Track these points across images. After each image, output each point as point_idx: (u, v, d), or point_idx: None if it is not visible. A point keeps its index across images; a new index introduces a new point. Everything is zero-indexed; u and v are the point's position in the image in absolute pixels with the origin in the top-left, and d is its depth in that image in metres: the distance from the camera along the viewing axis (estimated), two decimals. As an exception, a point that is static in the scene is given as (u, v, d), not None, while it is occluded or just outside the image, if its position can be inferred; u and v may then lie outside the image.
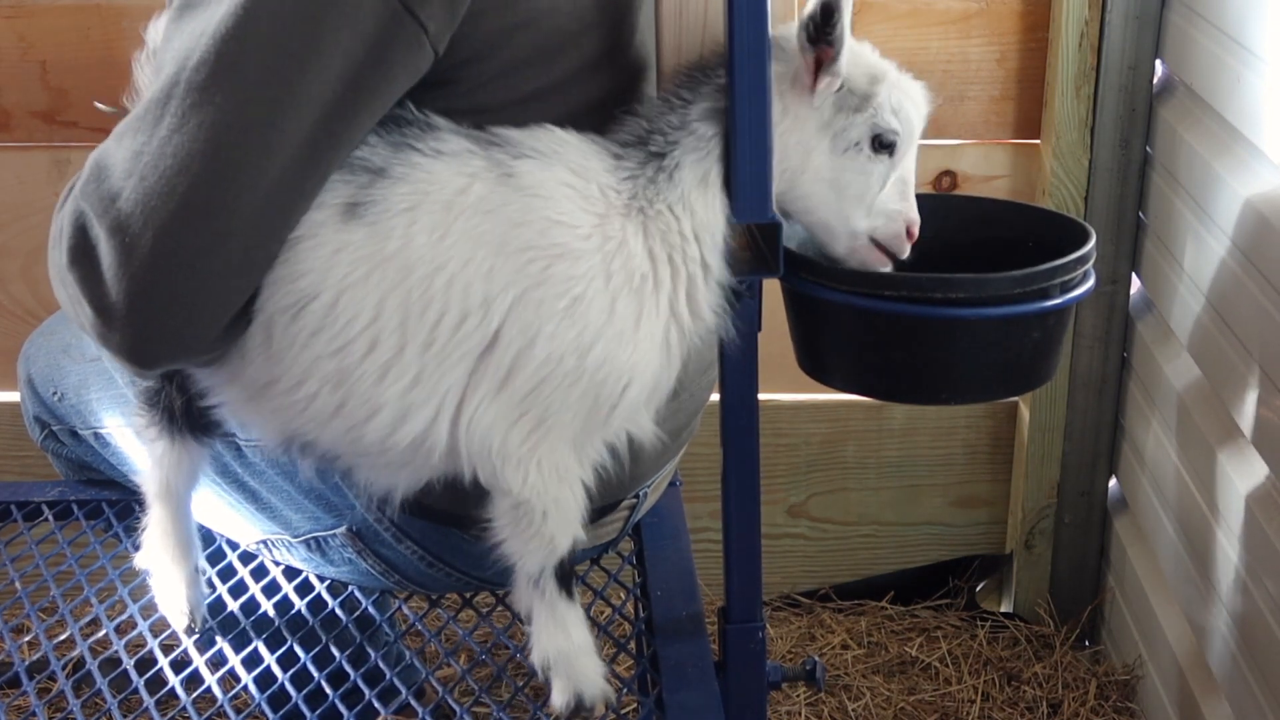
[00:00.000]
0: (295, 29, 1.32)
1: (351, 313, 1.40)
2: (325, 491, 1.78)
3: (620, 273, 1.41)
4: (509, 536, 1.52)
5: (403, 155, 1.41)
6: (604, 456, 1.52)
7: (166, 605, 1.78)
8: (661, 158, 1.44)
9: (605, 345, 1.41)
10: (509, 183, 1.40)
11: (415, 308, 1.39)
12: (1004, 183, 2.60)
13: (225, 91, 1.31)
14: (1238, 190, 2.03)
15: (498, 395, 1.42)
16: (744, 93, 1.41)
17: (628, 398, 1.45)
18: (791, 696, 2.57)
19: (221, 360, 1.47)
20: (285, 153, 1.33)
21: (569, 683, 1.55)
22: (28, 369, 2.05)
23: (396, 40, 1.35)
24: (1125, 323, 2.56)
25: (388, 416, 1.43)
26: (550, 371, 1.41)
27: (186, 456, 1.72)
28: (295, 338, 1.42)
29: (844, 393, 1.64)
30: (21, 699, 2.29)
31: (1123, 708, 2.52)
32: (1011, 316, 1.51)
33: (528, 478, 1.46)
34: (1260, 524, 1.94)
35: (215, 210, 1.32)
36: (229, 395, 1.52)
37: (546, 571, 1.53)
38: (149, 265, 1.33)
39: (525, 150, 1.42)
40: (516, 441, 1.44)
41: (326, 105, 1.34)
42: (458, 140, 1.43)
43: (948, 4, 2.47)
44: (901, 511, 2.83)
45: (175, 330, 1.37)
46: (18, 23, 2.46)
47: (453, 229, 1.39)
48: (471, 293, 1.39)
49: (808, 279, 1.54)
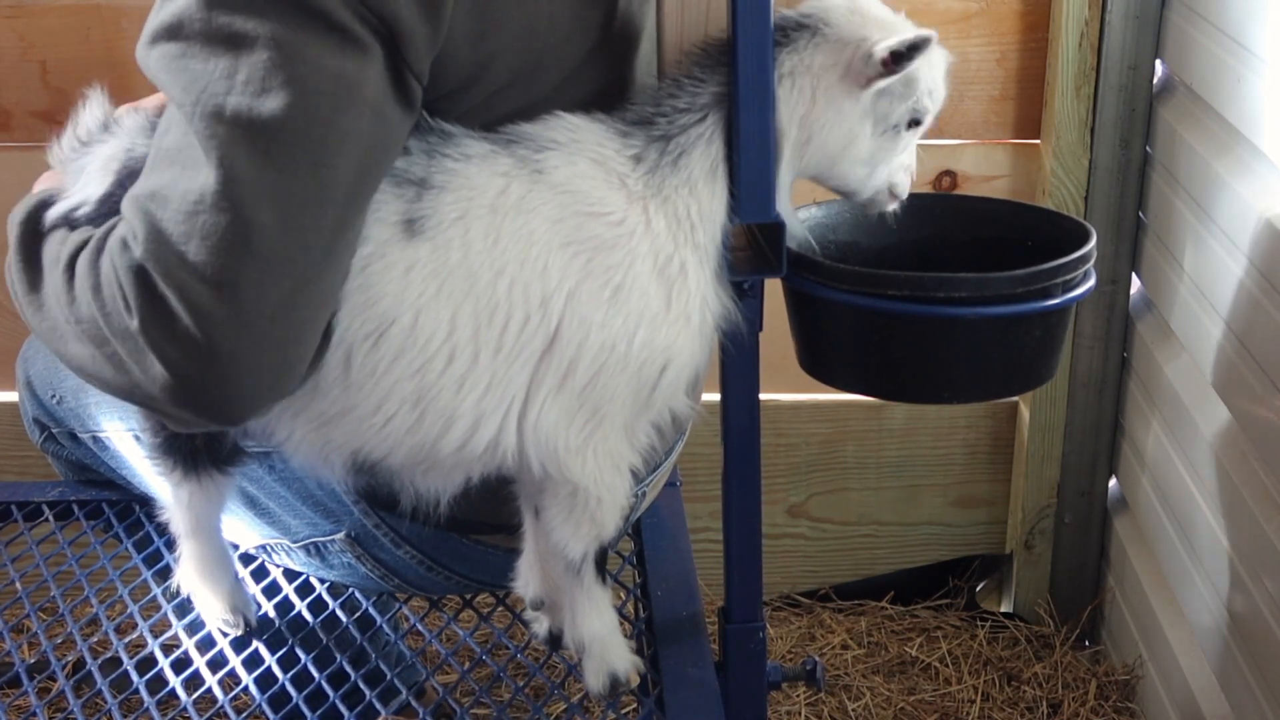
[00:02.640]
0: (329, 76, 1.30)
1: (430, 330, 1.40)
2: (323, 498, 1.78)
3: (648, 256, 1.42)
4: (559, 524, 1.54)
5: (438, 162, 1.41)
6: (652, 438, 1.55)
7: (214, 620, 1.78)
8: (668, 141, 1.44)
9: (646, 329, 1.42)
10: (541, 180, 1.41)
11: (484, 314, 1.40)
12: (1004, 183, 2.60)
13: (272, 141, 1.28)
14: (1238, 190, 2.03)
15: (560, 391, 1.44)
16: (748, 95, 1.41)
17: (666, 378, 1.46)
18: (791, 696, 2.57)
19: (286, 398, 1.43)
20: (341, 190, 1.32)
21: (603, 663, 1.59)
22: (26, 371, 2.04)
23: (395, 78, 1.35)
24: (1125, 323, 2.56)
25: (463, 427, 1.44)
26: (604, 361, 1.42)
27: (215, 491, 1.71)
28: (377, 364, 1.41)
29: (845, 392, 1.65)
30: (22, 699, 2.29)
31: (1123, 708, 2.52)
32: (1013, 316, 1.51)
33: (585, 466, 1.48)
34: (1260, 524, 1.94)
35: (291, 258, 1.29)
36: (294, 429, 1.48)
37: (589, 557, 1.56)
38: (233, 325, 1.29)
39: (545, 143, 1.43)
40: (576, 433, 1.46)
41: (365, 136, 1.32)
42: (476, 143, 1.43)
43: (948, 4, 2.47)
44: (901, 511, 2.83)
45: (266, 384, 1.33)
46: (18, 23, 2.46)
47: (503, 232, 1.40)
48: (531, 293, 1.40)
49: (809, 279, 1.54)
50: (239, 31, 1.29)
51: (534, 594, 1.69)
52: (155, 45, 1.33)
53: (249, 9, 1.29)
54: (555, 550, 1.57)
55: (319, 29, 1.29)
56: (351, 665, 1.74)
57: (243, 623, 1.78)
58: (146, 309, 1.30)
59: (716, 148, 1.44)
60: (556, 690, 1.69)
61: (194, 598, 1.79)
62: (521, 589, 1.71)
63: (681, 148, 1.44)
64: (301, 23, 1.29)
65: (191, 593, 1.79)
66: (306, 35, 1.29)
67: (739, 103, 1.41)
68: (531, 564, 1.69)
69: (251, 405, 1.35)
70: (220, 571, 1.78)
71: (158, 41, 1.33)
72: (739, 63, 1.40)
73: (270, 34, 1.28)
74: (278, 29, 1.28)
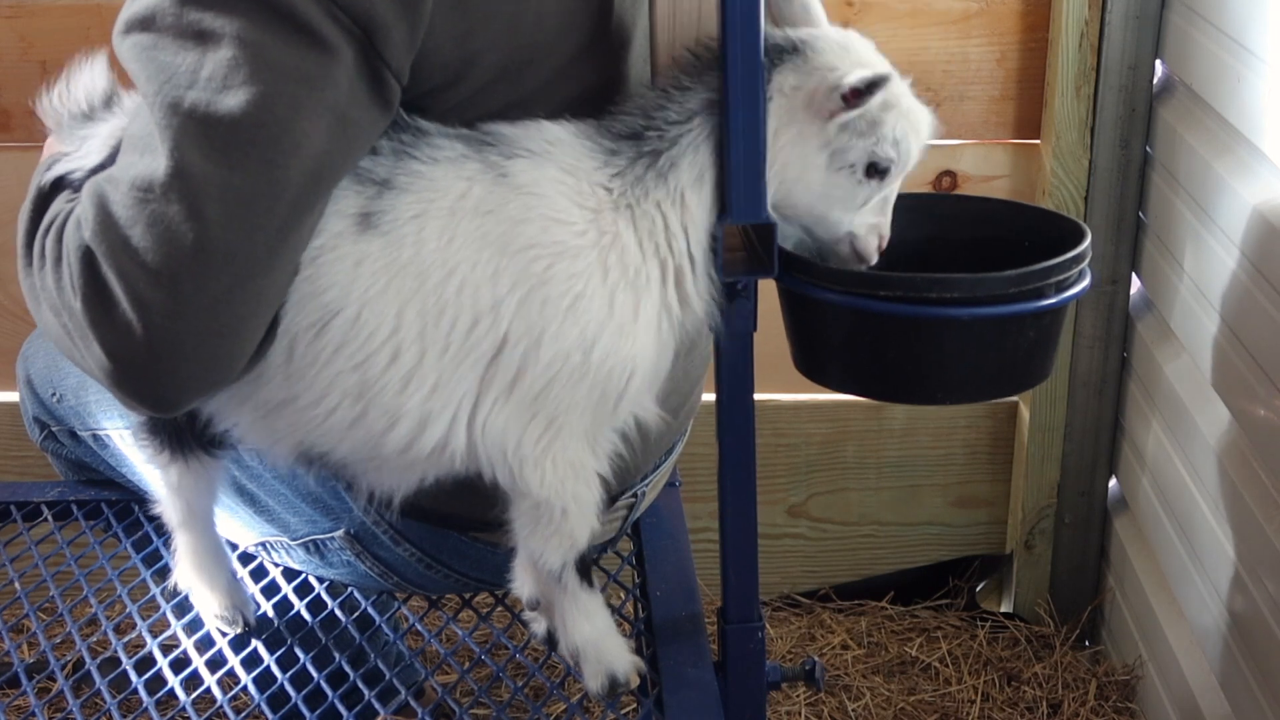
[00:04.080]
0: (290, 77, 1.30)
1: (374, 325, 1.40)
2: (323, 495, 1.79)
3: (616, 267, 1.42)
4: (529, 535, 1.54)
5: (404, 164, 1.41)
6: (617, 445, 1.54)
7: (211, 618, 1.79)
8: (657, 156, 1.44)
9: (608, 339, 1.42)
10: (504, 182, 1.41)
11: (431, 315, 1.40)
12: (1004, 183, 2.60)
13: (226, 137, 1.30)
14: (1238, 190, 2.03)
15: (509, 397, 1.43)
16: (738, 97, 1.41)
17: (632, 387, 1.46)
18: (791, 696, 2.57)
19: (231, 384, 1.44)
20: (291, 190, 1.32)
21: (599, 666, 1.60)
22: (27, 369, 2.05)
23: (369, 77, 1.35)
24: (1125, 323, 2.56)
25: (408, 425, 1.43)
26: (558, 370, 1.42)
27: (204, 474, 1.72)
28: (319, 354, 1.41)
29: (840, 393, 1.65)
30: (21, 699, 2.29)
31: (1123, 708, 2.52)
32: (1007, 316, 1.51)
33: (545, 477, 1.48)
34: (1260, 524, 1.94)
35: (233, 254, 1.30)
36: (240, 417, 1.50)
37: (568, 566, 1.56)
38: (171, 315, 1.30)
39: (517, 150, 1.43)
40: (531, 442, 1.45)
41: (321, 139, 1.33)
42: (450, 145, 1.43)
43: (948, 4, 2.47)
44: (901, 511, 2.83)
45: (202, 375, 1.35)
46: (18, 23, 2.46)
47: (459, 232, 1.39)
48: (481, 296, 1.40)
49: (803, 279, 1.54)
50: (207, 28, 1.31)
51: (530, 594, 1.70)
52: (129, 35, 1.35)
53: (219, 6, 1.31)
54: (531, 558, 1.57)
55: (286, 29, 1.30)
56: (350, 665, 1.74)
57: (240, 620, 1.78)
58: (89, 289, 1.33)
59: (704, 154, 1.44)
60: (556, 690, 1.69)
61: (190, 593, 1.79)
62: (518, 589, 1.71)
63: (672, 160, 1.43)
64: (268, 22, 1.30)
65: (188, 588, 1.79)
66: (272, 35, 1.30)
67: (730, 102, 1.41)
68: (525, 564, 1.69)
69: (186, 394, 1.36)
70: (216, 566, 1.78)
71: (131, 31, 1.35)
72: (729, 62, 1.40)
73: (237, 32, 1.30)
74: (244, 28, 1.30)
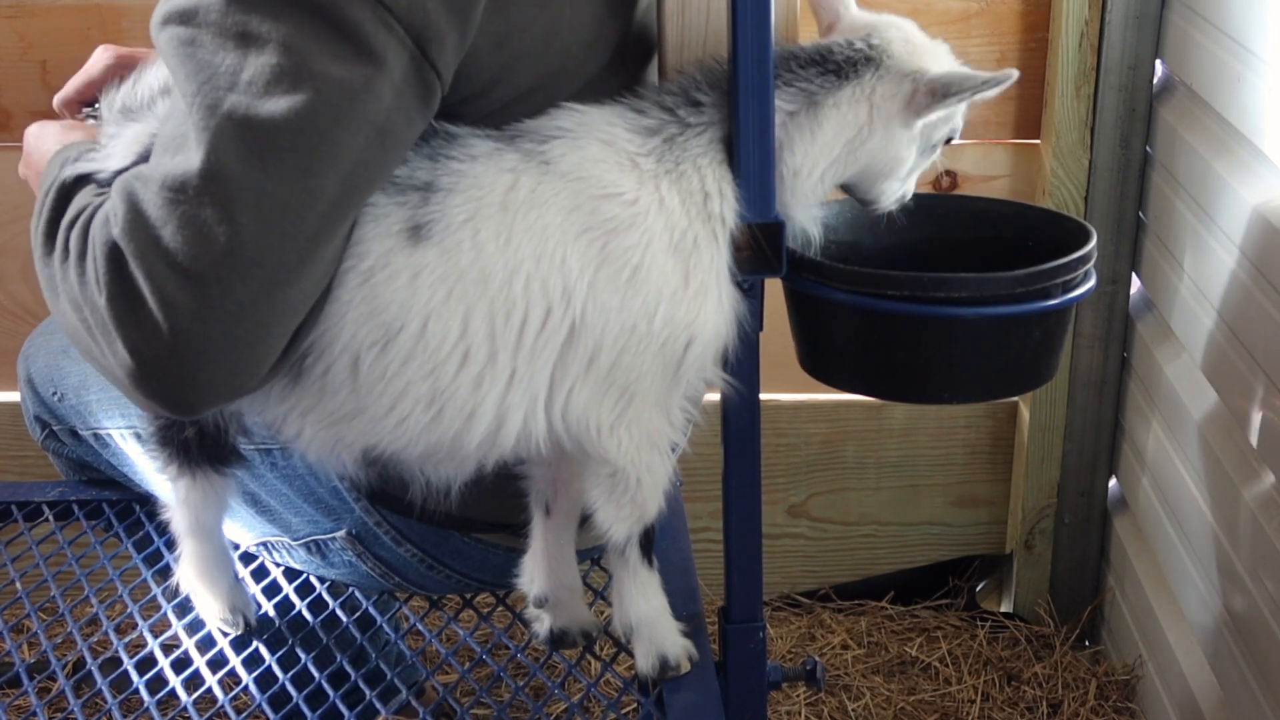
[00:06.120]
0: (334, 88, 1.28)
1: (440, 334, 1.39)
2: (324, 495, 1.78)
3: (664, 234, 1.42)
4: (602, 506, 1.55)
5: (443, 165, 1.40)
6: (691, 413, 1.55)
7: (212, 621, 1.78)
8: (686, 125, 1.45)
9: (666, 306, 1.43)
10: (550, 170, 1.41)
11: (500, 315, 1.40)
12: (1004, 183, 2.60)
13: (264, 143, 1.27)
14: (1238, 191, 2.03)
15: (586, 376, 1.44)
16: (748, 96, 1.41)
17: (692, 354, 1.47)
18: (791, 696, 2.57)
19: (294, 396, 1.43)
20: (325, 201, 1.30)
21: (651, 645, 1.62)
22: (28, 368, 2.04)
23: (417, 85, 1.33)
24: (1125, 323, 2.56)
25: (485, 422, 1.43)
26: (626, 342, 1.43)
27: (212, 491, 1.71)
28: (385, 369, 1.40)
29: (845, 392, 1.65)
30: (22, 699, 2.29)
31: (1123, 708, 2.52)
32: (1013, 316, 1.51)
33: (622, 444, 1.49)
34: (1260, 524, 1.94)
35: (262, 261, 1.28)
36: (303, 427, 1.48)
37: (632, 540, 1.57)
38: (197, 317, 1.28)
39: (551, 132, 1.43)
40: (608, 413, 1.47)
41: (359, 150, 1.31)
42: (482, 141, 1.42)
43: (948, 4, 2.47)
44: (901, 511, 2.83)
45: (223, 380, 1.33)
46: (18, 23, 2.46)
47: (515, 229, 1.39)
48: (551, 287, 1.40)
49: (810, 279, 1.55)
50: (253, 31, 1.28)
51: (538, 591, 1.70)
52: (167, 26, 1.32)
53: (266, 9, 1.28)
54: (600, 530, 1.57)
55: (334, 38, 1.28)
56: (351, 665, 1.74)
57: (242, 622, 1.78)
58: (115, 287, 1.30)
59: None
60: (556, 690, 1.69)
61: (193, 598, 1.79)
62: (526, 585, 1.71)
63: (704, 123, 1.45)
64: (316, 30, 1.27)
65: (190, 593, 1.79)
66: (319, 44, 1.27)
67: (740, 103, 1.41)
68: (538, 561, 1.69)
69: (205, 398, 1.34)
70: (219, 572, 1.78)
71: (170, 23, 1.32)
72: (739, 67, 1.40)
73: (283, 38, 1.27)
74: (291, 34, 1.27)
